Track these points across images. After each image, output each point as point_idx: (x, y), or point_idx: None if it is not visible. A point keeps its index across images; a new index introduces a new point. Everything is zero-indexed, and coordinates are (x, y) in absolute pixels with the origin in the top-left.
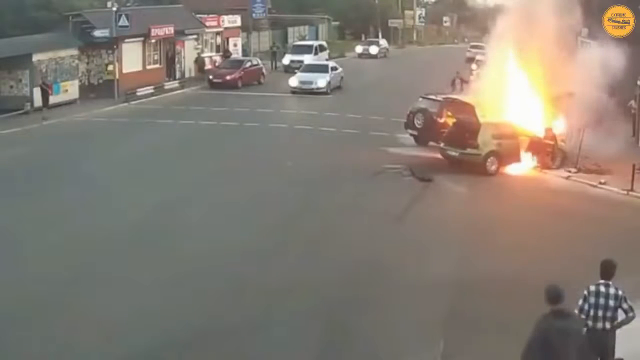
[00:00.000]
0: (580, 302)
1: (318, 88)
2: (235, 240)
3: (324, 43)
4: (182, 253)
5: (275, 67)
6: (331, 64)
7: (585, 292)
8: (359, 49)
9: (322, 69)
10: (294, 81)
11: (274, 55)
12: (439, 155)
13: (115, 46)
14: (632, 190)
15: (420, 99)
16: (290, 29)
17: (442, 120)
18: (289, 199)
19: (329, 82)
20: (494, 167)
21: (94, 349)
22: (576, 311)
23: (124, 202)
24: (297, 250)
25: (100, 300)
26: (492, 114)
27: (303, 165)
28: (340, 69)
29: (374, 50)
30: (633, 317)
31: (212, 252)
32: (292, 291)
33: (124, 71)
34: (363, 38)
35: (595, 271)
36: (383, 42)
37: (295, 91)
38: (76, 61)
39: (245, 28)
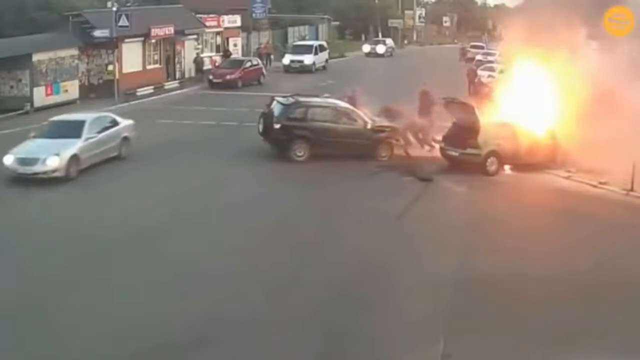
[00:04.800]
0: None
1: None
2: (235, 240)
3: (324, 43)
4: (181, 253)
5: None
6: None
7: None
8: (366, 48)
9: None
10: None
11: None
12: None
13: (115, 46)
14: (632, 190)
15: (275, 101)
16: (290, 29)
17: (278, 126)
18: (286, 198)
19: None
20: (494, 167)
21: (93, 350)
22: None
23: (122, 202)
24: (296, 250)
25: (100, 301)
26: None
27: (302, 164)
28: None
29: (380, 49)
30: None
31: (211, 252)
32: (292, 291)
33: (124, 71)
34: (363, 38)
35: (594, 270)
36: (389, 42)
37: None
38: (76, 61)
39: (245, 28)
